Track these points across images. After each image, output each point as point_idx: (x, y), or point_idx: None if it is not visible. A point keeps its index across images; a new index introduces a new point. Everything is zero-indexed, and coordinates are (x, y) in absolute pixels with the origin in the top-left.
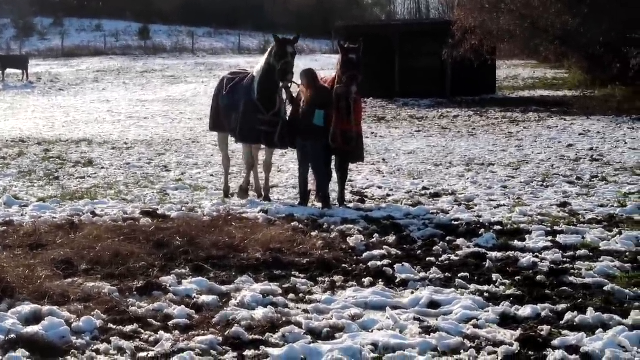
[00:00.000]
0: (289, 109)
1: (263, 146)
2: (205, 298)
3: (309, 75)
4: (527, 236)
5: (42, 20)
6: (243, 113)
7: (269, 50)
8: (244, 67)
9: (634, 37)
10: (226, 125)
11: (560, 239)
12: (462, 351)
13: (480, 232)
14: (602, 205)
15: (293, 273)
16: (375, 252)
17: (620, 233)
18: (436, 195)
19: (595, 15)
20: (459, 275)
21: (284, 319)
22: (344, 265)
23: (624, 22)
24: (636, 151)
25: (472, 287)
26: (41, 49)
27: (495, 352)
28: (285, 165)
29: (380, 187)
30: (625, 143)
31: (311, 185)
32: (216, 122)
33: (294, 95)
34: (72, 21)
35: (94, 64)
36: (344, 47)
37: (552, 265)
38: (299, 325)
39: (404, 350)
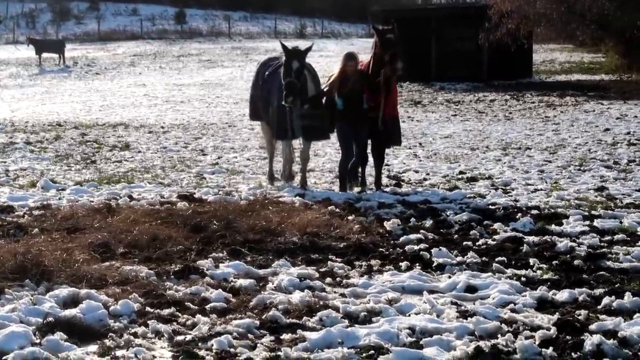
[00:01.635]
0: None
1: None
2: (242, 282)
3: (354, 58)
4: (564, 220)
5: (78, 5)
6: (277, 109)
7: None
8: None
9: None
10: (263, 116)
11: (597, 223)
12: (499, 335)
13: (517, 217)
14: (639, 190)
15: (330, 257)
16: (412, 236)
17: None
18: (473, 179)
19: None
20: (496, 259)
21: (321, 302)
22: (380, 249)
23: None
24: None
25: (509, 271)
26: (77, 33)
27: (533, 337)
28: (322, 149)
29: (416, 171)
30: None
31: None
32: (255, 111)
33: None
34: (108, 5)
35: (130, 48)
36: (379, 29)
37: (589, 250)
38: (336, 309)
39: (441, 335)
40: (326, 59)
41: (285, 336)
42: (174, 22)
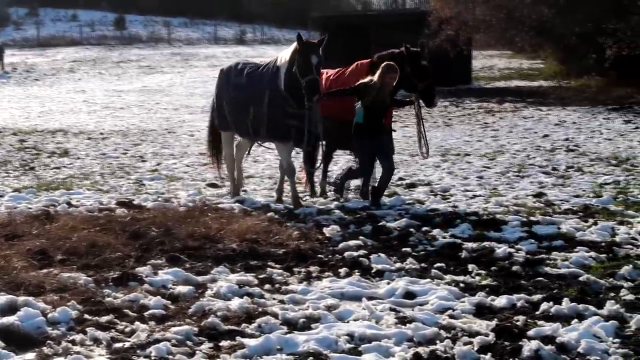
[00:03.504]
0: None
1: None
2: (181, 288)
3: (395, 71)
4: (502, 226)
5: (17, 10)
6: (269, 105)
7: (292, 49)
8: (246, 59)
9: (609, 28)
10: (238, 122)
11: (535, 229)
12: (437, 341)
13: (456, 223)
14: (577, 196)
15: (269, 263)
16: (351, 243)
17: (595, 223)
18: (412, 185)
19: (571, 6)
20: (435, 265)
21: (259, 309)
22: (320, 255)
23: (599, 12)
24: (611, 141)
25: (448, 277)
26: (16, 39)
27: (471, 343)
28: (262, 155)
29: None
30: (601, 133)
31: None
32: (223, 120)
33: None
34: (47, 11)
35: (69, 54)
36: (412, 52)
37: (527, 256)
38: (274, 315)
39: (380, 341)
40: None
41: (224, 343)
42: (113, 28)
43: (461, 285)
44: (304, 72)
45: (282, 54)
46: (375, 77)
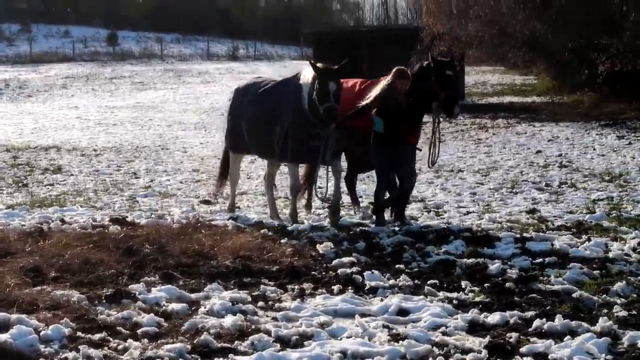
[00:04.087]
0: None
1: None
2: (174, 306)
3: (407, 77)
4: (496, 243)
5: (10, 27)
6: (292, 125)
7: (312, 75)
8: (259, 76)
9: (602, 43)
10: (257, 143)
11: (529, 245)
12: (430, 358)
13: (449, 239)
14: (570, 212)
15: (262, 280)
16: (345, 260)
17: (589, 239)
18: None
19: (563, 22)
20: (428, 282)
21: (252, 326)
22: (313, 272)
23: (591, 28)
24: (604, 157)
25: (441, 294)
26: (9, 55)
27: (464, 359)
28: (255, 171)
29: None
30: (594, 149)
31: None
32: (239, 141)
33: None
34: (40, 27)
35: (62, 70)
36: (437, 61)
37: (520, 272)
38: (267, 333)
39: (373, 358)
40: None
41: None
42: (106, 44)
43: (454, 302)
44: (322, 100)
45: (305, 72)
46: (386, 83)
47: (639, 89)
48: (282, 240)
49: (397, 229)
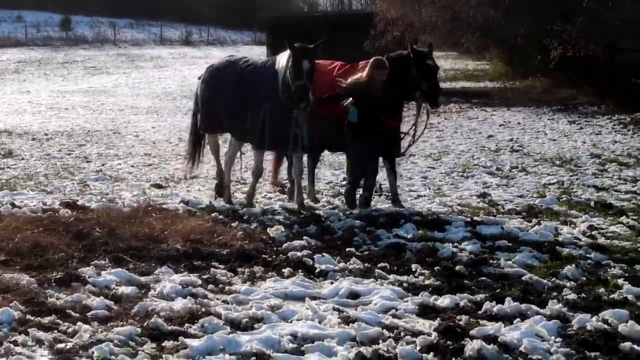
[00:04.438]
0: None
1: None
2: (125, 289)
3: (384, 67)
4: (446, 226)
5: None
6: (270, 114)
7: (288, 53)
8: (233, 55)
9: (555, 29)
10: (231, 125)
11: (479, 229)
12: (380, 341)
13: (400, 223)
14: (521, 196)
15: (213, 264)
16: (296, 243)
17: (539, 223)
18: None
19: (516, 7)
20: (379, 265)
21: (203, 309)
22: (264, 255)
23: (544, 14)
24: (556, 142)
25: (392, 277)
26: None
27: (414, 342)
28: (207, 155)
29: None
30: (545, 134)
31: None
32: (213, 122)
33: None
34: None
35: (14, 54)
36: (417, 51)
37: (471, 256)
38: (218, 316)
39: (323, 341)
40: (200, 70)
41: (167, 343)
42: (59, 29)
43: (405, 285)
44: (294, 77)
45: (280, 58)
46: (364, 74)
47: (591, 74)
48: (233, 224)
49: (348, 212)
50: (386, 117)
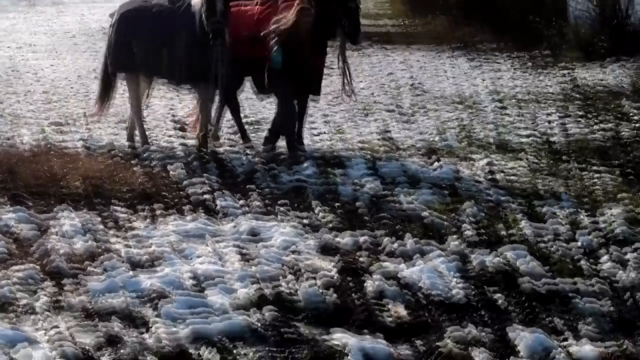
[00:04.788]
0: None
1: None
2: (24, 228)
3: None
4: (347, 164)
5: None
6: (187, 52)
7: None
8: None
9: None
10: (149, 64)
11: (380, 168)
12: (281, 279)
13: (301, 162)
14: (421, 134)
15: (113, 203)
16: (196, 181)
17: (439, 161)
18: (257, 123)
19: None
20: (279, 203)
21: (103, 248)
22: (164, 195)
23: None
24: (455, 80)
25: (292, 215)
26: None
27: (315, 280)
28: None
29: None
30: (445, 72)
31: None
32: (125, 61)
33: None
34: None
35: None
36: None
37: (371, 194)
38: (118, 255)
39: (224, 278)
40: (100, 10)
41: (67, 282)
42: None
43: (305, 223)
44: (208, 16)
45: (194, 1)
46: (289, 19)
47: (491, 12)
48: (134, 163)
49: (248, 152)
50: (312, 54)
